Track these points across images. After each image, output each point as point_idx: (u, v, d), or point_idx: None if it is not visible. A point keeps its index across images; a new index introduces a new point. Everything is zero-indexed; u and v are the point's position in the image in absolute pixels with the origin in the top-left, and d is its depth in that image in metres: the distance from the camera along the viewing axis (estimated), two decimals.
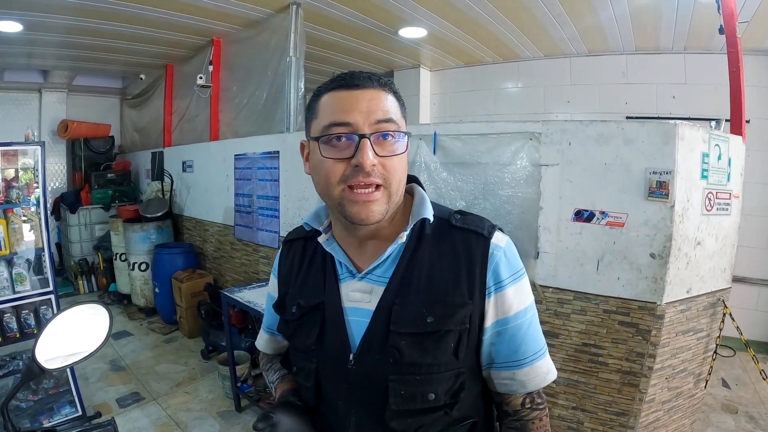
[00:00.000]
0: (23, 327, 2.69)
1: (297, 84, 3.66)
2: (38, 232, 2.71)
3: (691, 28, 3.75)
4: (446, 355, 0.79)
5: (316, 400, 0.87)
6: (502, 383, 0.86)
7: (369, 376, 0.81)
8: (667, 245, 2.07)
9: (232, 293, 2.83)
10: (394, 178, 0.76)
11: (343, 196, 0.76)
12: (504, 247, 0.83)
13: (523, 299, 0.83)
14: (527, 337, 0.84)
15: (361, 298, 0.83)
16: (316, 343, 0.85)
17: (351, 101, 0.75)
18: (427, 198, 0.87)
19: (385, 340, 0.79)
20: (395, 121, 0.77)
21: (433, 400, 0.79)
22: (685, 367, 2.40)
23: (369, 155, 0.73)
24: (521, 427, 0.87)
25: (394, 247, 0.82)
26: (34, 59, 5.10)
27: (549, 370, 0.86)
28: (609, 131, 2.12)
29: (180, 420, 2.94)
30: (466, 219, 0.85)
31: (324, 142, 0.75)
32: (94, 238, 5.85)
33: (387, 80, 0.80)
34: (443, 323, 0.78)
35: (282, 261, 0.98)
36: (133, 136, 6.75)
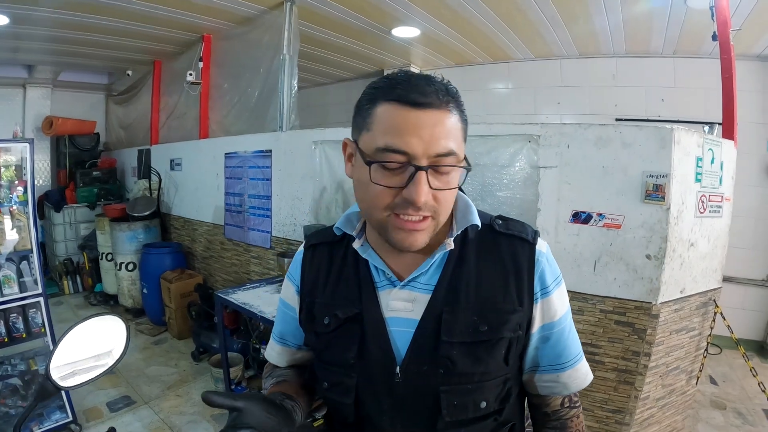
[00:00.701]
0: (11, 331, 2.61)
1: (290, 82, 3.62)
2: (26, 232, 2.63)
3: (682, 32, 3.81)
4: (497, 363, 0.78)
5: (355, 417, 0.82)
6: (545, 386, 0.86)
7: (418, 388, 0.78)
8: (662, 247, 2.10)
9: (227, 294, 2.79)
10: (444, 210, 0.73)
11: (387, 221, 0.72)
12: (546, 252, 0.82)
13: (564, 303, 0.84)
14: (569, 341, 0.84)
15: (404, 307, 0.79)
16: (356, 356, 0.80)
17: (412, 124, 0.67)
18: (472, 204, 0.83)
19: (435, 350, 0.76)
20: (456, 153, 0.70)
21: (484, 407, 0.78)
22: (678, 364, 2.45)
23: (423, 190, 0.67)
24: (561, 426, 0.88)
25: (440, 253, 0.78)
26: (19, 54, 4.97)
27: (587, 372, 0.87)
28: (607, 135, 2.15)
29: (173, 424, 2.89)
30: (509, 224, 0.83)
31: (375, 167, 0.69)
32: (79, 237, 5.73)
33: (453, 92, 0.72)
34: (497, 331, 0.76)
35: (306, 267, 0.90)
36: (119, 133, 6.62)
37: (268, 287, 2.97)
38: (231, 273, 4.20)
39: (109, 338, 0.85)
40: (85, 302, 5.26)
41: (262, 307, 2.58)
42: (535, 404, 0.90)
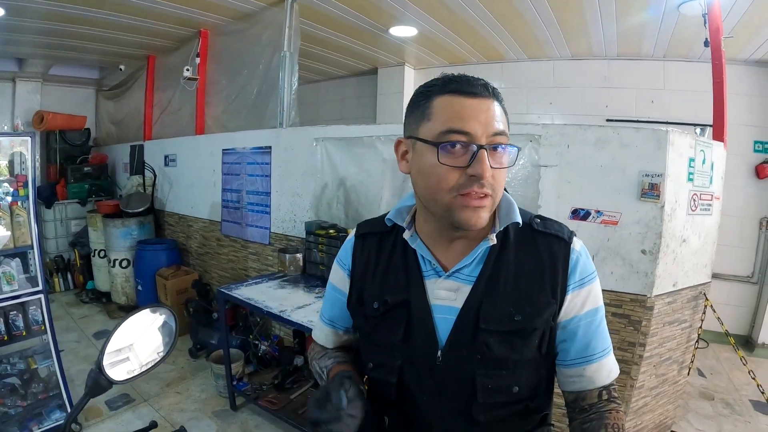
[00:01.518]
0: (11, 329, 2.58)
1: (291, 79, 3.64)
2: (26, 228, 2.61)
3: (672, 37, 3.91)
4: (531, 351, 0.83)
5: (397, 395, 0.88)
6: (570, 380, 0.89)
7: (456, 371, 0.83)
8: (657, 242, 2.19)
9: (229, 290, 2.80)
10: (499, 188, 0.80)
11: (453, 202, 0.77)
12: (580, 251, 0.87)
13: (595, 300, 0.87)
14: (597, 335, 0.87)
15: (447, 296, 0.85)
16: (402, 339, 0.86)
17: (470, 110, 0.76)
18: (515, 202, 0.89)
19: (474, 336, 0.82)
20: (506, 133, 0.79)
21: (516, 392, 0.83)
22: (670, 355, 2.55)
23: (486, 165, 0.74)
24: (597, 417, 0.85)
25: (483, 247, 0.84)
26: (9, 46, 4.88)
27: (613, 368, 0.90)
28: (606, 136, 2.22)
29: (174, 421, 2.89)
30: (547, 223, 0.89)
31: (441, 148, 0.76)
32: (70, 233, 5.66)
33: (497, 89, 0.81)
34: (531, 321, 0.82)
35: (357, 255, 0.97)
36: (110, 128, 6.54)
37: (271, 282, 2.99)
38: (228, 269, 4.21)
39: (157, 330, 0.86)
40: (77, 300, 5.20)
41: (268, 302, 2.59)
42: (571, 401, 0.91)
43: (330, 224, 3.09)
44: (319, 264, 3.02)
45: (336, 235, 2.93)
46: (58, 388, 2.73)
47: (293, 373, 3.04)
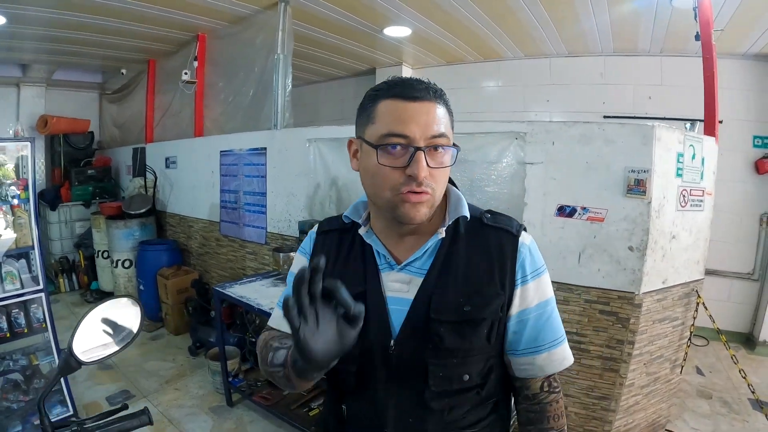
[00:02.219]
0: (13, 326, 2.66)
1: (285, 81, 3.68)
2: (28, 229, 2.68)
3: (668, 32, 3.90)
4: (480, 340, 0.87)
5: (356, 384, 0.92)
6: (521, 368, 0.94)
7: (409, 360, 0.87)
8: (644, 239, 2.19)
9: (224, 289, 2.85)
10: (439, 186, 0.84)
11: (394, 198, 0.82)
12: (529, 245, 0.91)
13: (543, 292, 0.91)
14: (546, 326, 0.92)
15: (400, 288, 0.90)
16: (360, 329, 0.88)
17: (409, 113, 0.80)
18: (463, 197, 0.94)
19: (425, 326, 0.86)
20: (446, 135, 0.82)
21: (467, 380, 0.88)
22: (662, 353, 2.54)
23: (423, 166, 0.78)
24: (540, 409, 0.94)
25: (433, 241, 0.89)
26: (13, 53, 4.98)
27: (565, 357, 0.94)
28: (591, 132, 2.23)
29: (172, 417, 2.95)
30: (497, 218, 0.93)
31: (381, 149, 0.80)
32: (75, 235, 5.77)
33: (440, 91, 0.84)
34: (480, 312, 0.86)
35: (317, 251, 1.01)
36: (113, 131, 6.63)
37: (265, 281, 3.04)
38: (227, 269, 4.26)
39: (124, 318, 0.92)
40: (82, 300, 5.29)
41: (260, 300, 2.65)
42: (517, 387, 0.98)
43: None
44: None
45: None
46: (58, 384, 2.80)
47: None
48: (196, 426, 2.85)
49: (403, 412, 0.89)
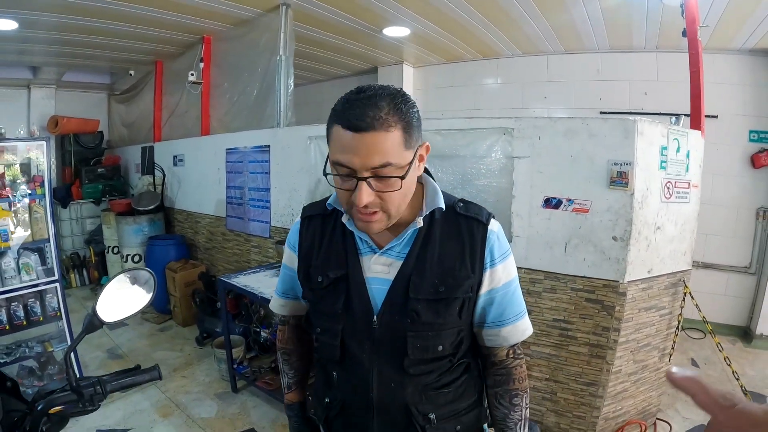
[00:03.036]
0: (30, 315, 2.81)
1: (287, 81, 3.82)
2: (44, 223, 2.83)
3: (662, 29, 3.96)
4: (452, 316, 0.99)
5: (341, 355, 1.03)
6: (489, 338, 1.06)
7: (390, 333, 0.98)
8: (627, 229, 2.28)
9: (229, 279, 2.99)
10: (392, 205, 0.89)
11: (351, 212, 0.93)
12: (497, 231, 1.02)
13: (509, 273, 1.03)
14: (511, 303, 1.04)
15: (381, 270, 1.00)
16: (342, 308, 1.00)
17: (352, 144, 0.82)
18: (439, 189, 1.02)
19: (404, 304, 0.96)
20: (393, 163, 0.83)
21: (441, 350, 0.99)
22: (649, 341, 2.62)
23: (363, 197, 0.84)
24: (506, 373, 1.08)
25: (411, 229, 0.98)
26: (24, 56, 5.15)
27: (526, 328, 1.07)
28: (575, 127, 2.33)
29: (179, 402, 3.09)
30: (468, 207, 1.02)
31: (333, 173, 0.89)
32: (85, 232, 5.94)
33: (396, 107, 0.83)
34: (452, 292, 0.97)
35: (302, 235, 1.10)
36: (122, 131, 6.80)
37: (268, 272, 3.18)
38: (232, 262, 4.40)
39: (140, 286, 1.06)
40: (92, 294, 5.45)
41: (262, 289, 2.80)
42: (485, 355, 1.10)
43: None
44: None
45: None
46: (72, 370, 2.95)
47: None
48: (201, 410, 2.99)
49: (385, 378, 1.00)
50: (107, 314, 0.98)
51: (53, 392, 0.93)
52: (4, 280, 2.75)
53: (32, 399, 0.92)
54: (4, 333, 2.79)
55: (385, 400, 1.01)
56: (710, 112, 4.23)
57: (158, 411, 2.99)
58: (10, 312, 2.77)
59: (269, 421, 2.89)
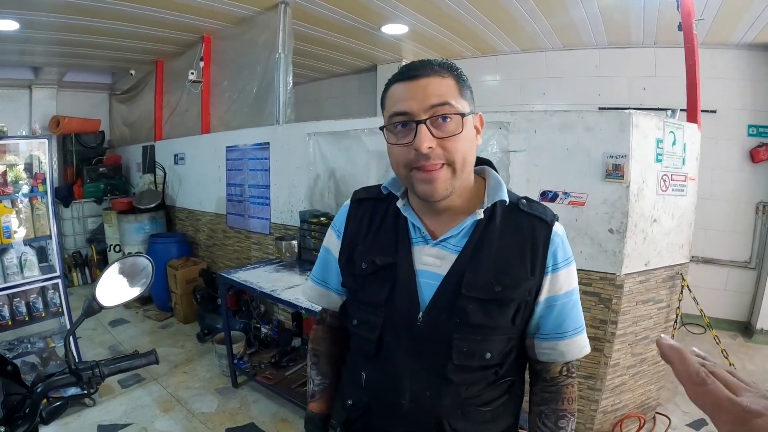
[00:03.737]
0: (32, 311, 2.84)
1: (286, 79, 3.85)
2: (46, 220, 2.86)
3: (659, 24, 3.97)
4: (505, 321, 0.90)
5: (376, 351, 0.95)
6: (543, 352, 0.96)
7: (435, 333, 0.90)
8: (623, 222, 2.29)
9: (229, 274, 3.02)
10: (457, 156, 0.83)
11: (410, 176, 0.86)
12: (561, 235, 0.94)
13: (571, 281, 0.94)
14: (571, 315, 0.95)
15: (433, 262, 0.92)
16: (386, 299, 0.93)
17: (408, 91, 0.82)
18: (503, 183, 0.95)
19: (454, 302, 0.88)
20: (451, 103, 0.82)
21: (489, 359, 0.90)
22: (647, 334, 2.62)
23: (424, 139, 0.80)
24: (556, 391, 0.98)
25: (470, 221, 0.91)
26: (25, 56, 5.18)
27: (584, 346, 0.97)
28: (571, 120, 2.34)
29: (180, 397, 3.12)
30: (532, 205, 0.95)
31: (388, 130, 0.86)
32: (87, 230, 5.98)
33: (447, 64, 0.85)
34: (508, 293, 0.88)
35: (350, 218, 1.04)
36: (123, 130, 6.84)
37: (267, 267, 3.21)
38: (233, 259, 4.43)
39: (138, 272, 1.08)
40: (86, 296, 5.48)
41: (261, 284, 2.82)
42: (536, 370, 1.01)
43: (322, 213, 3.28)
44: (313, 250, 3.21)
45: (327, 223, 3.11)
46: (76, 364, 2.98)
47: (290, 353, 3.24)
48: (202, 405, 3.02)
49: (421, 384, 0.91)
50: (106, 299, 1.00)
51: (53, 375, 0.94)
52: (7, 276, 2.77)
53: (32, 382, 0.94)
54: (6, 328, 2.81)
55: (417, 409, 0.92)
56: (709, 107, 4.23)
57: (159, 406, 3.01)
58: (12, 308, 2.80)
59: (269, 416, 2.91)
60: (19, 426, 0.86)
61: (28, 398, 0.91)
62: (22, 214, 2.81)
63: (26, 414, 0.89)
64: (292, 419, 2.87)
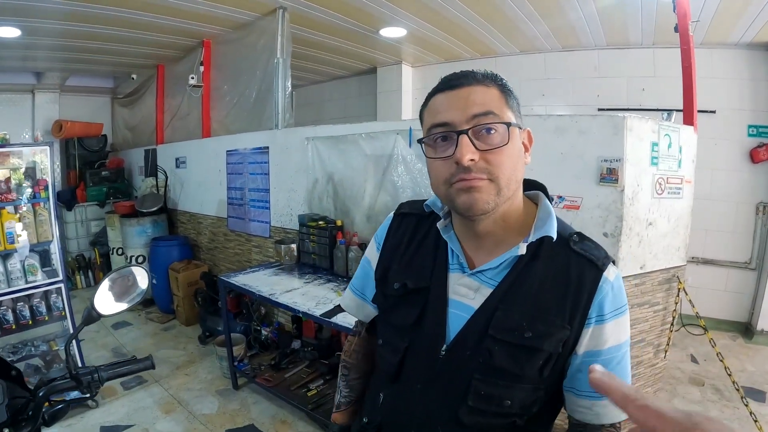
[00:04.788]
0: (35, 315, 2.88)
1: (284, 83, 3.88)
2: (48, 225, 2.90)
3: (657, 24, 3.98)
4: (532, 370, 0.80)
5: (395, 375, 0.90)
6: (578, 410, 0.84)
7: (455, 369, 0.83)
8: (618, 225, 2.29)
9: (229, 278, 3.05)
10: (501, 171, 0.75)
11: (450, 191, 0.78)
12: (613, 281, 0.82)
13: (619, 335, 0.82)
14: (615, 372, 0.76)
15: (466, 293, 0.85)
16: (413, 324, 0.88)
17: (449, 101, 0.77)
18: (553, 212, 0.85)
19: (480, 340, 0.81)
20: (495, 113, 0.76)
21: (508, 406, 0.81)
22: (643, 337, 2.63)
23: (466, 151, 0.73)
24: None
25: (511, 254, 0.82)
26: (27, 62, 5.25)
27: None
28: (565, 124, 2.35)
29: (181, 398, 3.15)
30: (585, 245, 0.84)
31: (427, 143, 0.80)
32: (90, 234, 6.03)
33: (491, 74, 0.80)
34: (539, 341, 0.79)
35: (392, 232, 0.99)
36: (125, 134, 6.89)
37: (266, 271, 3.24)
38: (234, 262, 4.46)
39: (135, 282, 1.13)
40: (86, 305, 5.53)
41: (260, 287, 2.85)
42: (572, 424, 0.88)
43: (320, 216, 3.31)
44: (311, 253, 3.24)
45: (325, 227, 3.14)
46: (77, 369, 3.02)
47: (289, 355, 3.28)
48: (203, 407, 3.05)
49: (433, 421, 0.86)
50: (104, 307, 1.05)
51: (54, 380, 0.99)
52: (10, 281, 2.82)
53: (35, 386, 0.98)
54: (10, 332, 2.86)
55: None
56: (708, 107, 4.24)
57: (161, 408, 3.05)
58: (16, 312, 2.84)
59: (269, 417, 2.95)
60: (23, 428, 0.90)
61: (31, 401, 0.96)
62: (25, 219, 2.85)
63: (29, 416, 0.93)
64: (291, 421, 2.90)
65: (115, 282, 1.10)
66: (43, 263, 2.95)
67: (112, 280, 1.10)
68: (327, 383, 2.98)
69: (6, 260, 2.83)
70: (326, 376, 3.04)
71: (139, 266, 1.15)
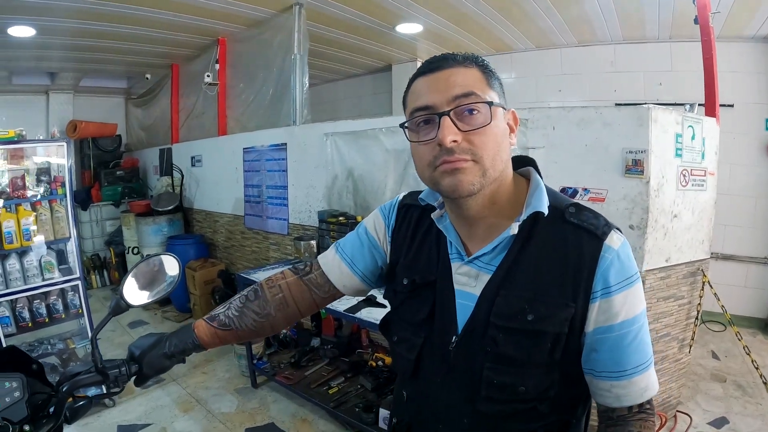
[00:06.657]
0: (52, 312, 2.89)
1: (302, 80, 3.89)
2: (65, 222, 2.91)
3: (674, 18, 3.94)
4: (542, 355, 0.77)
5: (413, 372, 0.89)
6: (599, 392, 0.80)
7: (467, 360, 0.82)
8: (644, 217, 2.27)
9: (248, 275, 3.05)
10: (485, 151, 0.73)
11: (434, 174, 0.76)
12: (618, 249, 0.75)
13: (632, 307, 0.76)
14: (630, 349, 0.76)
15: (467, 282, 0.83)
16: (425, 319, 0.87)
17: (430, 84, 0.76)
18: (543, 187, 0.82)
19: (486, 328, 0.79)
20: (477, 93, 0.74)
21: (523, 392, 0.79)
22: (668, 331, 2.61)
23: (448, 132, 0.72)
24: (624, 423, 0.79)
25: (504, 236, 0.79)
26: (42, 62, 5.28)
27: (648, 386, 0.78)
28: (589, 116, 2.34)
29: (200, 397, 3.15)
30: (581, 215, 0.78)
31: (409, 128, 0.78)
32: (106, 233, 6.08)
33: (471, 55, 0.78)
34: (541, 323, 0.76)
35: (399, 223, 0.96)
36: (140, 134, 6.94)
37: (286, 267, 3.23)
38: (251, 260, 4.47)
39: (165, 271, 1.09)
40: (113, 295, 5.53)
41: None
42: (601, 411, 0.83)
43: (340, 212, 3.30)
44: None
45: (346, 223, 3.13)
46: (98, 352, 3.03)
47: (309, 353, 3.27)
48: (221, 405, 3.05)
49: (453, 412, 0.85)
50: (133, 297, 1.00)
51: (78, 374, 0.92)
52: (27, 279, 2.81)
53: (57, 382, 0.92)
54: (26, 330, 2.85)
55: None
56: (725, 101, 4.18)
57: (179, 406, 3.05)
58: (32, 309, 2.84)
59: (289, 415, 2.94)
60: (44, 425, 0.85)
61: (54, 397, 0.90)
62: (42, 216, 2.86)
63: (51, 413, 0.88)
64: (312, 419, 2.89)
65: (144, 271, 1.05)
66: (59, 261, 2.95)
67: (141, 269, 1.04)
68: (348, 381, 2.96)
69: (23, 257, 2.82)
70: (347, 373, 3.02)
71: (169, 254, 1.10)
